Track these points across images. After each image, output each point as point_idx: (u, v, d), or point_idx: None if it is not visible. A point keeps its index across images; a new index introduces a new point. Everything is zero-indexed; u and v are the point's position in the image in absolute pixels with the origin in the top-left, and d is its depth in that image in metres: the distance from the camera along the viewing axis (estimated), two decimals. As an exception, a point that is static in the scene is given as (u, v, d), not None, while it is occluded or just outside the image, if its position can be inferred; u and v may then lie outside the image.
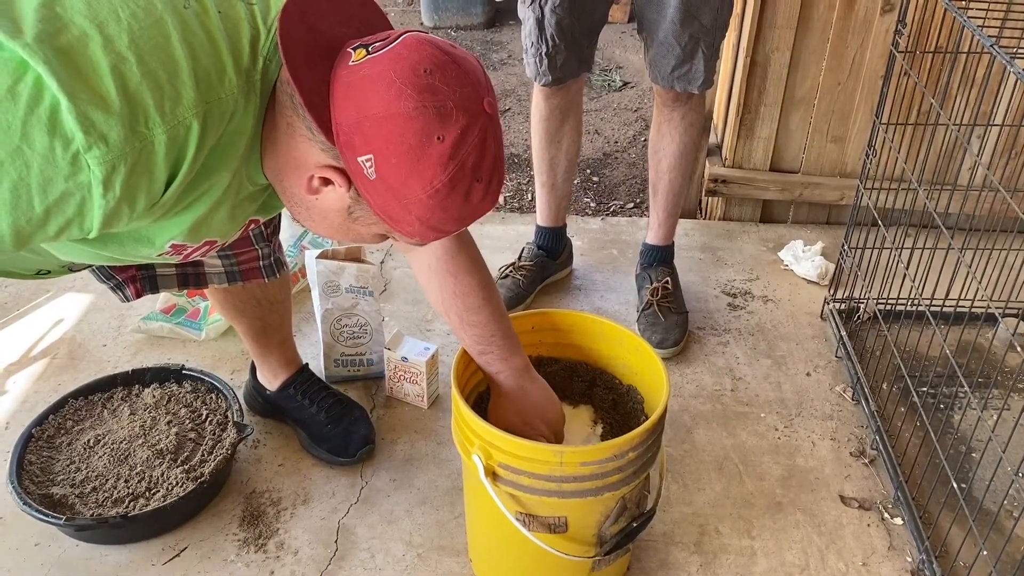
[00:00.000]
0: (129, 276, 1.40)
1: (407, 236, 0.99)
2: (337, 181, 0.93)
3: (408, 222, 0.95)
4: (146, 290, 1.42)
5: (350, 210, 0.97)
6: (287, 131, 0.94)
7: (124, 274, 1.39)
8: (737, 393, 1.84)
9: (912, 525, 1.51)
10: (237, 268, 1.46)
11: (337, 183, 0.93)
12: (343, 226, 1.01)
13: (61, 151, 0.80)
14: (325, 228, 1.04)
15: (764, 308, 2.11)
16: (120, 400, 1.67)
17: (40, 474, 1.51)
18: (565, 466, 1.17)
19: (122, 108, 0.81)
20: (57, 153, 0.80)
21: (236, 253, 1.44)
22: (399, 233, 0.99)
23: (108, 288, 1.42)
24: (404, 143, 0.88)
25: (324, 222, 1.02)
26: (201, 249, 1.07)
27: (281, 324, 1.63)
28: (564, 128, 1.96)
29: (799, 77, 2.24)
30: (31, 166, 0.80)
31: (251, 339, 1.61)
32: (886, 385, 1.81)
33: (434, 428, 1.73)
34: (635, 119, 3.27)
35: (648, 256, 2.08)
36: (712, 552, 1.50)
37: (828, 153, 2.35)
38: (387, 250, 2.27)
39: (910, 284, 1.71)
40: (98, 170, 0.81)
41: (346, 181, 0.93)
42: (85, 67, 0.80)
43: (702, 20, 1.71)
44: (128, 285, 1.40)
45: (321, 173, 0.94)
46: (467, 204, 0.95)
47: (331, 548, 1.48)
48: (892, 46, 1.73)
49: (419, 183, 0.90)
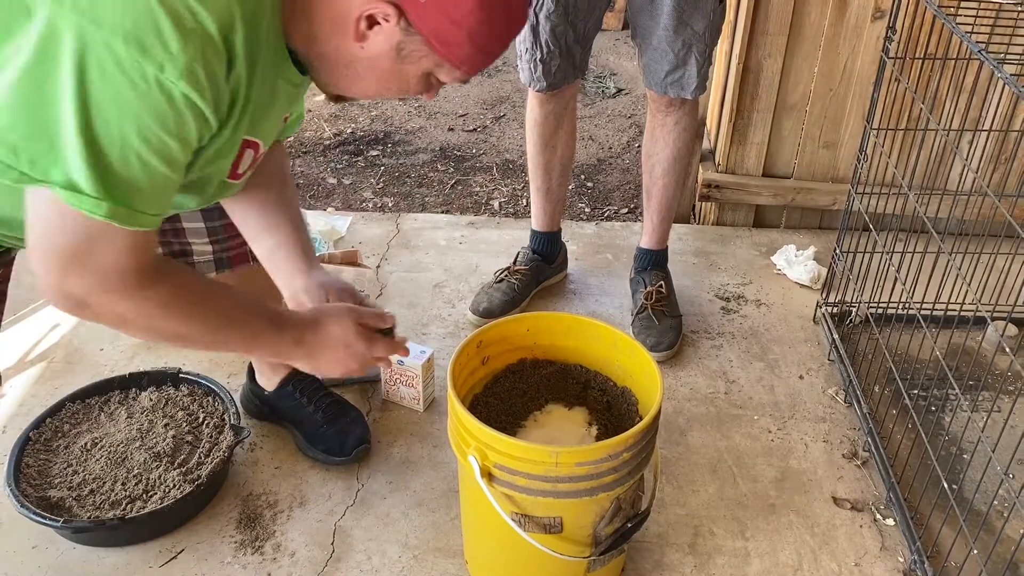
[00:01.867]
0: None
1: (455, 65, 1.00)
2: (384, 13, 0.94)
3: (458, 44, 0.96)
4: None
5: (400, 47, 0.97)
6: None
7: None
8: (731, 396, 1.86)
9: (904, 526, 1.53)
10: (225, 255, 1.47)
11: (384, 16, 0.94)
12: (391, 71, 1.01)
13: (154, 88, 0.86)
14: (371, 81, 1.03)
15: (757, 312, 2.12)
16: (117, 403, 1.67)
17: (37, 477, 1.51)
18: (560, 466, 1.18)
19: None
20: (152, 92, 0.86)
21: (228, 236, 1.44)
22: (448, 63, 0.99)
23: None
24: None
25: (371, 73, 1.02)
26: (245, 157, 1.08)
27: None
28: (559, 133, 1.98)
29: (791, 83, 2.26)
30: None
31: None
32: (878, 388, 1.83)
33: (430, 431, 1.74)
34: (629, 125, 3.29)
35: (642, 260, 2.09)
36: (706, 553, 1.51)
37: (820, 158, 2.37)
38: (383, 255, 2.28)
39: (901, 288, 1.73)
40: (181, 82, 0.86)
41: (395, 11, 0.94)
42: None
43: (695, 27, 1.73)
44: None
45: (369, 9, 0.94)
46: (508, 16, 0.98)
47: (327, 550, 1.49)
48: (883, 52, 1.75)
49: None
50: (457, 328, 2.02)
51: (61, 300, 0.95)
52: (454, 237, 2.37)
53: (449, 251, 2.31)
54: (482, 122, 3.30)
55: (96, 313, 0.97)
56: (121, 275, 0.95)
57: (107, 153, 0.86)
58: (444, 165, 3.00)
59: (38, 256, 0.93)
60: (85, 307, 0.96)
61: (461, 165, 3.01)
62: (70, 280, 0.93)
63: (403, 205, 2.76)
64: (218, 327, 1.08)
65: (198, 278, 1.10)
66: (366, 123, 3.27)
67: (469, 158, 3.05)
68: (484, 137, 3.20)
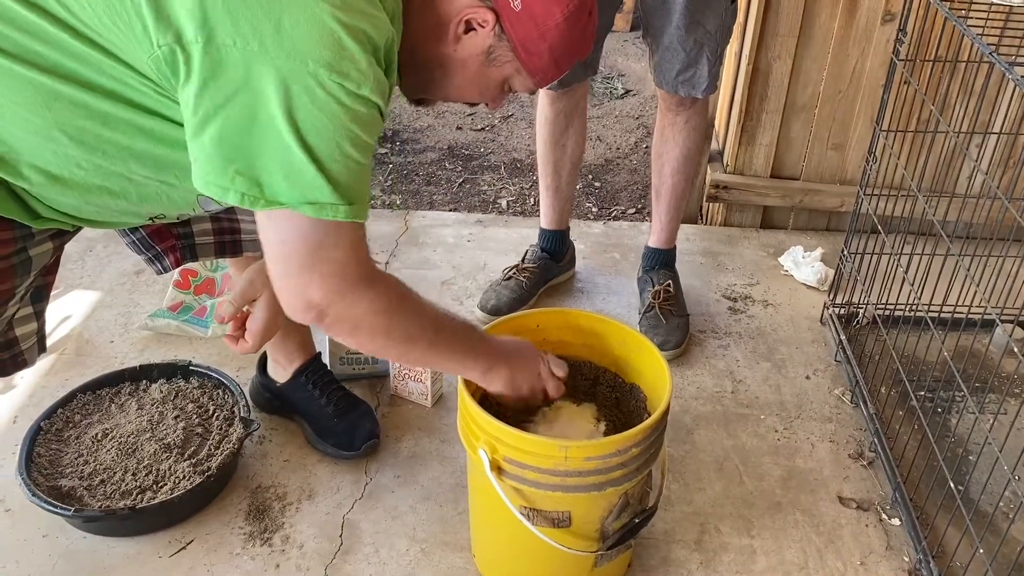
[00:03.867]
0: (169, 245, 1.42)
1: (532, 73, 1.12)
2: (483, 19, 1.06)
3: (540, 53, 1.09)
4: (185, 258, 1.43)
5: (490, 51, 1.09)
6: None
7: (164, 243, 1.41)
8: (737, 395, 1.87)
9: (909, 525, 1.53)
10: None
11: (483, 20, 1.06)
12: (478, 73, 1.12)
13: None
14: (458, 82, 1.14)
15: (764, 312, 2.13)
16: (128, 395, 1.69)
17: (49, 466, 1.52)
18: (570, 461, 1.19)
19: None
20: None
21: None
22: (527, 72, 1.12)
23: (146, 260, 1.43)
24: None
25: (459, 76, 1.12)
26: None
27: None
28: (568, 132, 1.98)
29: (800, 85, 2.27)
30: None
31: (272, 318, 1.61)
32: (884, 389, 1.83)
33: (438, 426, 1.75)
34: (637, 126, 3.30)
35: (650, 259, 2.10)
36: (712, 550, 1.52)
37: (828, 160, 2.37)
38: (392, 251, 2.29)
39: (909, 289, 1.74)
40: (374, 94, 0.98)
41: (492, 16, 1.05)
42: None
43: (707, 26, 1.74)
44: (167, 255, 1.42)
45: (469, 14, 1.06)
46: (584, 35, 1.12)
47: (336, 542, 1.50)
48: (893, 54, 1.76)
49: (558, 7, 1.06)
50: (465, 325, 2.02)
51: (304, 310, 1.05)
52: (462, 235, 2.38)
53: (457, 248, 2.32)
54: (490, 121, 3.31)
55: (335, 319, 1.06)
56: (355, 272, 1.04)
57: (331, 163, 0.96)
58: (452, 163, 3.01)
59: (279, 272, 1.03)
60: (324, 315, 1.05)
61: (469, 164, 3.02)
62: (312, 288, 1.02)
63: (411, 203, 2.77)
64: (440, 323, 1.19)
65: (404, 284, 1.18)
66: (375, 121, 3.27)
67: (477, 157, 3.06)
68: (492, 136, 3.21)
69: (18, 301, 1.22)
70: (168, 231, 1.40)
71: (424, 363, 1.48)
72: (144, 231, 1.39)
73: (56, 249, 1.23)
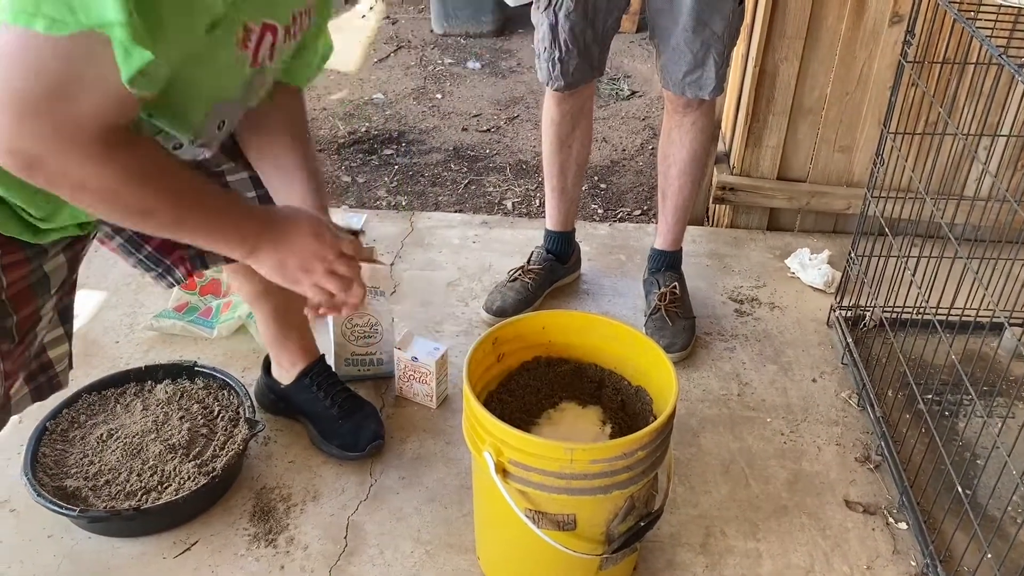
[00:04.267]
0: (177, 257, 1.39)
1: None
2: None
3: None
4: (196, 267, 1.41)
5: None
6: None
7: (171, 256, 1.39)
8: (743, 398, 1.86)
9: (916, 530, 1.52)
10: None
11: None
12: None
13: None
14: None
15: (771, 315, 2.12)
16: (133, 395, 1.69)
17: (54, 467, 1.53)
18: (575, 463, 1.19)
19: None
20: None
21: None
22: None
23: (155, 277, 1.41)
24: None
25: None
26: (264, 42, 1.02)
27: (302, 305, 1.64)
28: (575, 133, 1.98)
29: (807, 87, 2.26)
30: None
31: (273, 321, 1.61)
32: (891, 392, 1.83)
33: (443, 428, 1.74)
34: (642, 127, 3.29)
35: (656, 261, 2.09)
36: (718, 553, 1.51)
37: (835, 162, 2.37)
38: (397, 252, 2.29)
39: (916, 292, 1.73)
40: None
41: None
42: None
43: (713, 27, 1.73)
44: (177, 267, 1.40)
45: None
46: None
47: (340, 544, 1.50)
48: (901, 56, 1.75)
49: None
50: (471, 326, 2.02)
51: (7, 153, 0.86)
52: (468, 236, 2.38)
53: (463, 250, 2.32)
54: (495, 123, 3.31)
55: (54, 174, 0.89)
56: (88, 135, 0.87)
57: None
58: (458, 165, 3.01)
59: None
60: (39, 167, 0.88)
61: (475, 165, 3.01)
62: (25, 135, 0.85)
63: (416, 204, 2.76)
64: (185, 203, 1.01)
65: (166, 152, 1.02)
66: (380, 122, 3.28)
67: (482, 158, 3.06)
68: (498, 137, 3.20)
69: (47, 324, 1.20)
70: (174, 243, 1.37)
71: (169, 236, 1.14)
72: (149, 246, 1.37)
73: (71, 262, 1.21)
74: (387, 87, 3.56)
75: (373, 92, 3.52)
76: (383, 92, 3.52)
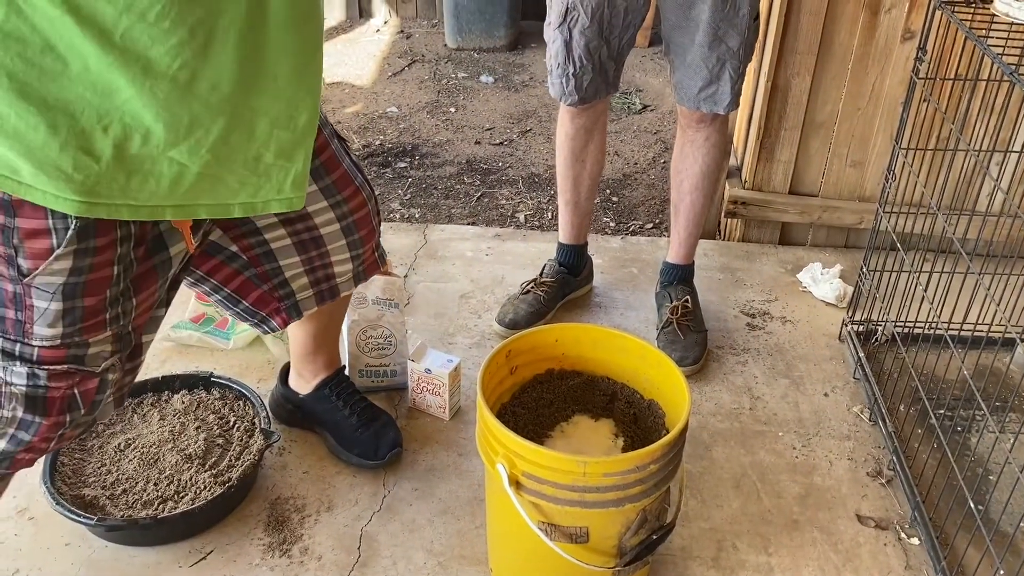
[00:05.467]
0: (272, 309, 1.45)
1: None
2: None
3: None
4: (292, 317, 1.46)
5: None
6: None
7: (267, 308, 1.44)
8: (755, 412, 1.86)
9: (929, 545, 1.52)
10: (362, 267, 1.49)
11: None
12: None
13: None
14: None
15: (782, 329, 2.13)
16: (150, 405, 1.71)
17: (72, 476, 1.55)
18: (588, 476, 1.20)
19: None
20: None
21: (363, 251, 1.47)
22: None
23: (252, 325, 1.47)
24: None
25: None
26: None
27: (340, 319, 1.68)
28: (589, 147, 2.00)
29: (819, 102, 2.27)
30: None
31: (312, 335, 1.63)
32: (903, 407, 1.83)
33: (455, 439, 1.75)
34: (654, 141, 3.31)
35: (668, 275, 2.10)
36: (730, 567, 1.51)
37: (847, 177, 2.37)
38: (411, 264, 2.31)
39: (928, 307, 1.73)
40: None
41: None
42: None
43: (729, 43, 1.75)
44: (273, 317, 1.46)
45: None
46: None
47: (354, 555, 1.51)
48: (912, 73, 1.76)
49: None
50: (483, 338, 2.04)
51: None
52: (480, 248, 2.39)
53: (475, 262, 2.33)
54: (508, 136, 3.33)
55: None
56: None
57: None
58: (471, 178, 3.03)
59: None
60: None
61: (487, 178, 3.04)
62: None
63: (430, 216, 2.79)
64: None
65: None
66: (395, 135, 3.31)
67: (495, 171, 3.08)
68: (510, 151, 3.23)
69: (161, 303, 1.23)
70: (270, 295, 1.42)
71: None
72: (247, 301, 1.42)
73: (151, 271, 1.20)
74: (401, 101, 3.60)
75: (387, 106, 3.55)
76: (397, 106, 3.55)
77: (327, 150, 1.36)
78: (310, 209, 1.36)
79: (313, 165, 1.34)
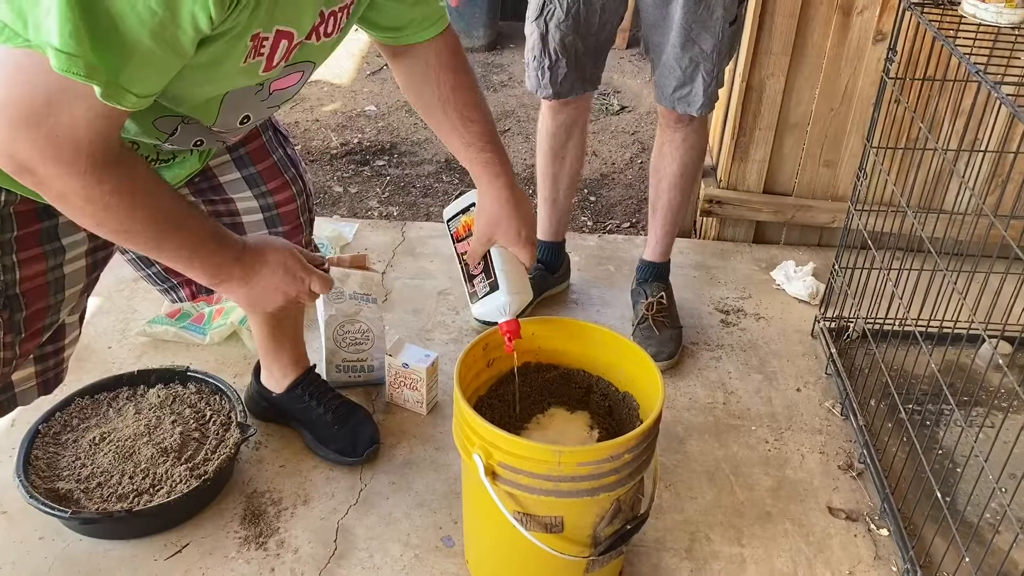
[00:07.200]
0: (183, 279, 1.44)
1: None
2: None
3: None
4: (201, 291, 1.46)
5: None
6: None
7: (178, 276, 1.44)
8: (729, 406, 1.89)
9: (897, 535, 1.55)
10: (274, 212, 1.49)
11: None
12: None
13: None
14: None
15: (756, 325, 2.16)
16: (125, 399, 1.70)
17: (46, 469, 1.54)
18: (563, 466, 1.21)
19: None
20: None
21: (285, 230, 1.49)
22: None
23: (160, 291, 1.47)
24: None
25: None
26: (279, 48, 1.02)
27: (297, 316, 1.67)
28: (568, 145, 2.01)
29: (793, 103, 2.31)
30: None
31: (267, 332, 1.64)
32: (874, 401, 1.86)
33: (432, 434, 1.76)
34: (632, 142, 3.34)
35: (645, 272, 2.12)
36: (703, 558, 1.53)
37: (820, 177, 2.41)
38: (388, 261, 2.31)
39: (898, 304, 1.76)
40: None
41: None
42: None
43: (702, 45, 1.77)
44: (182, 287, 1.46)
45: None
46: None
47: (330, 547, 1.51)
48: (883, 73, 1.79)
49: None
50: (461, 334, 2.05)
51: (4, 160, 0.90)
52: (459, 246, 2.40)
53: (453, 259, 2.33)
54: (487, 135, 3.34)
55: (41, 181, 0.92)
56: (76, 149, 0.89)
57: (93, 14, 0.81)
58: (449, 176, 3.04)
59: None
60: (28, 173, 0.91)
61: (466, 177, 3.04)
62: (19, 142, 0.88)
63: (408, 215, 2.79)
64: (163, 228, 1.02)
65: (153, 172, 1.04)
66: (373, 134, 3.31)
67: (474, 170, 3.09)
68: (489, 150, 3.23)
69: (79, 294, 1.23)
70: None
71: (146, 255, 1.18)
72: (158, 265, 1.42)
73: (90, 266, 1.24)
74: (379, 99, 3.60)
75: (366, 104, 3.55)
76: (375, 104, 3.55)
77: (257, 139, 1.38)
78: (233, 194, 1.38)
79: (239, 153, 1.38)
